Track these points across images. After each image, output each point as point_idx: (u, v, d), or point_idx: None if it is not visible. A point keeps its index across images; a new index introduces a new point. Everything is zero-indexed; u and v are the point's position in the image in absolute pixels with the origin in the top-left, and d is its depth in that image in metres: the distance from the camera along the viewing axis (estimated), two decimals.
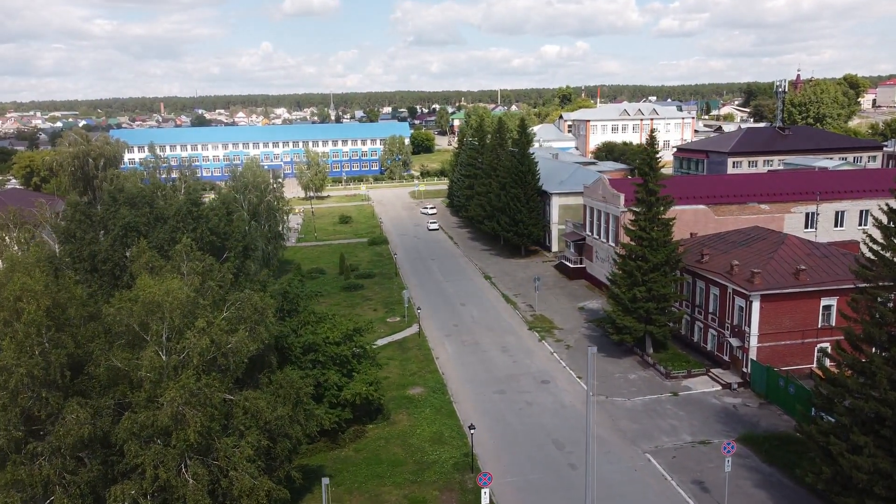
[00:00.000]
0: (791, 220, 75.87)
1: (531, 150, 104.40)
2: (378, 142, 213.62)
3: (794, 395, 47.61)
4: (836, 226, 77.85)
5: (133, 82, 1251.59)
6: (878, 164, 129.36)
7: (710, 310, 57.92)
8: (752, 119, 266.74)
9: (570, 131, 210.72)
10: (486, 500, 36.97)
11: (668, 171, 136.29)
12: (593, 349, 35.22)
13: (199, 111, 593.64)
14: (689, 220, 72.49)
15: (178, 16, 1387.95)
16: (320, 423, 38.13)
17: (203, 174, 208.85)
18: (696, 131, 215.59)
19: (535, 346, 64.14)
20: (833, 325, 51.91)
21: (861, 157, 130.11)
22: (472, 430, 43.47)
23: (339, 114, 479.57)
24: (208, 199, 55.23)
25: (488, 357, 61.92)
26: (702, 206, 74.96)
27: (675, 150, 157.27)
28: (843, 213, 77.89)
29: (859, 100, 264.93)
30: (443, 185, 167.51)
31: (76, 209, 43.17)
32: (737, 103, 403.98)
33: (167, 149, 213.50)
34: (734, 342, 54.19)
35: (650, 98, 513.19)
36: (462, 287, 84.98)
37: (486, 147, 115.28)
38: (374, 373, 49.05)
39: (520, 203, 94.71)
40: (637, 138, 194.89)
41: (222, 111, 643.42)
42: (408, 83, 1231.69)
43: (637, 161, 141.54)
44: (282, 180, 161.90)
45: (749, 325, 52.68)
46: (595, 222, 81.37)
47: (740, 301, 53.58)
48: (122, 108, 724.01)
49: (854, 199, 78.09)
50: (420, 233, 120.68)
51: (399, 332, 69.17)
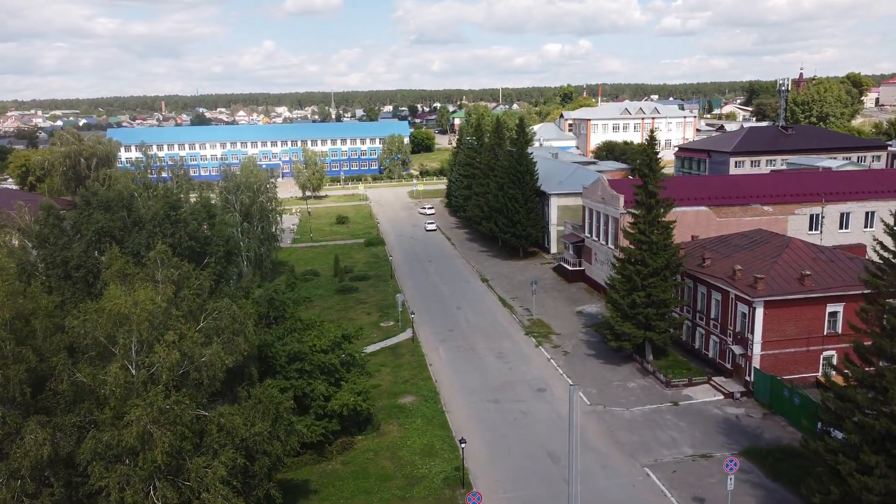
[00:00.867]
0: (795, 222, 73.99)
1: (530, 150, 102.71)
2: (377, 141, 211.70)
3: (800, 406, 45.81)
4: (841, 228, 75.94)
5: (135, 81, 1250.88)
6: (882, 164, 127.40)
7: (712, 316, 56.10)
8: (754, 118, 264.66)
9: (570, 130, 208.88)
10: None
11: (669, 170, 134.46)
12: (577, 389, 32.83)
13: (201, 110, 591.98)
14: (690, 221, 70.68)
15: (180, 15, 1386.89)
16: (303, 437, 36.36)
17: (201, 173, 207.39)
18: (697, 130, 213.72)
19: (531, 352, 62.36)
20: (839, 332, 50.10)
21: (865, 157, 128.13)
22: (464, 445, 41.70)
23: (340, 112, 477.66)
24: (195, 199, 53.35)
25: (483, 363, 60.16)
26: (703, 208, 73.14)
27: (676, 149, 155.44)
28: (848, 214, 75.93)
29: (862, 98, 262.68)
30: (442, 184, 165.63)
31: (49, 213, 41.49)
32: (739, 102, 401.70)
33: (165, 148, 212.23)
34: (737, 350, 52.38)
35: (652, 97, 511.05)
36: (458, 290, 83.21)
37: (484, 146, 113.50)
38: (363, 382, 47.30)
39: (518, 204, 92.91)
40: (638, 137, 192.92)
41: (223, 110, 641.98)
42: (410, 82, 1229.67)
43: (637, 161, 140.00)
44: (275, 180, 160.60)
45: (752, 333, 50.86)
46: (594, 224, 79.56)
47: (743, 307, 51.76)
48: (124, 106, 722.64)
49: (860, 201, 76.14)
50: (418, 233, 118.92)
51: (392, 337, 67.41)
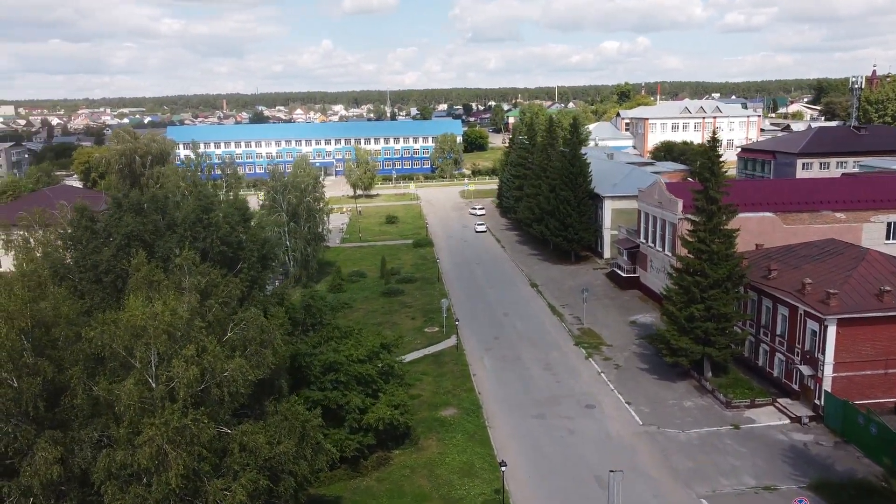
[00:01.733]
0: (870, 231, 68.72)
1: (584, 150, 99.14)
2: (430, 139, 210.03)
3: (877, 436, 41.67)
4: None
5: (199, 80, 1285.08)
6: None
7: (778, 332, 52.04)
8: (822, 117, 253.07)
9: (627, 130, 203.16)
10: None
11: (731, 172, 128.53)
12: (619, 476, 30.23)
13: (260, 108, 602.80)
14: (754, 229, 66.22)
15: (241, 15, 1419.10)
16: (332, 456, 34.43)
17: (256, 171, 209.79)
18: (761, 130, 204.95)
19: (580, 365, 59.29)
20: None
21: None
22: (504, 468, 39.15)
23: (395, 111, 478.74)
24: (227, 200, 52.16)
25: (529, 375, 57.40)
26: (768, 214, 68.61)
27: (738, 150, 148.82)
28: None
29: None
30: (494, 184, 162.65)
31: (82, 214, 40.73)
32: (805, 101, 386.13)
33: (221, 146, 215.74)
34: (805, 370, 48.31)
35: (713, 95, 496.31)
36: (506, 295, 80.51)
37: (536, 146, 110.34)
38: (401, 394, 45.22)
39: (570, 206, 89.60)
40: (698, 137, 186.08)
41: (282, 108, 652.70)
42: (465, 80, 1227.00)
43: (697, 163, 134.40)
44: (322, 179, 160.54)
45: (823, 352, 46.76)
46: (650, 229, 75.74)
47: (813, 324, 47.67)
48: (187, 104, 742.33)
49: None
50: (467, 235, 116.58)
51: (436, 344, 65.25)
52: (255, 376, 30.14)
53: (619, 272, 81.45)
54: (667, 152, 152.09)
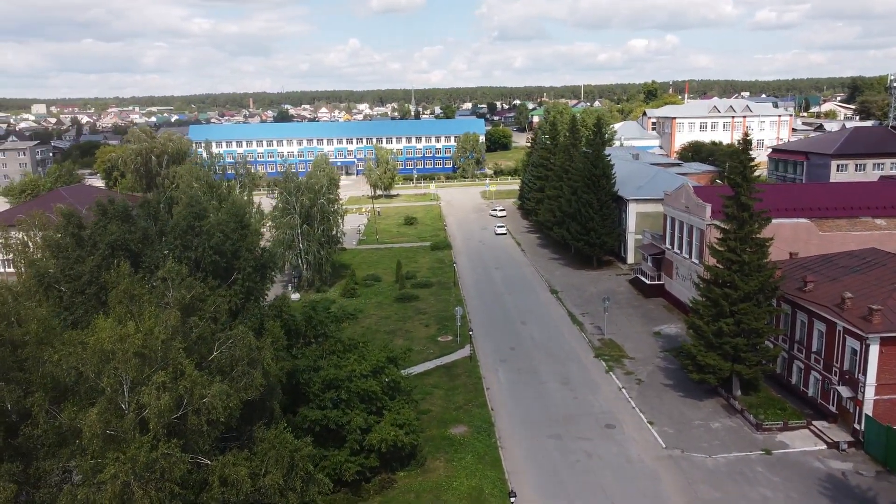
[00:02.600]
0: None
1: (607, 151, 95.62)
2: (452, 139, 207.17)
3: None
4: None
5: (227, 78, 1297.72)
6: None
7: (814, 349, 48.44)
8: (857, 117, 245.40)
9: (653, 129, 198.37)
10: None
11: (761, 174, 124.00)
12: None
13: (286, 107, 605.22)
14: (788, 236, 62.56)
15: (269, 14, 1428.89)
16: (325, 488, 31.82)
17: (279, 170, 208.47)
18: (793, 130, 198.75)
19: (600, 379, 56.11)
20: None
21: None
22: (514, 498, 36.29)
23: (419, 110, 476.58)
24: (226, 206, 49.87)
25: (546, 390, 54.37)
26: (803, 220, 64.82)
27: (770, 150, 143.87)
28: None
29: None
30: (516, 185, 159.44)
31: (69, 220, 38.61)
32: (839, 99, 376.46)
33: (244, 144, 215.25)
34: (844, 392, 44.71)
35: (743, 94, 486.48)
36: (525, 302, 77.46)
37: (558, 146, 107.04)
38: (407, 412, 42.47)
39: (592, 210, 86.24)
40: (728, 137, 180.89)
41: (307, 106, 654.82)
42: (491, 79, 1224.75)
43: (727, 165, 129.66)
44: (338, 179, 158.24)
45: (864, 373, 43.15)
46: (676, 234, 72.20)
47: (853, 342, 44.07)
48: (215, 103, 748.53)
49: None
50: (486, 237, 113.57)
51: (449, 355, 62.47)
52: (238, 401, 27.68)
53: (644, 279, 77.97)
54: (694, 153, 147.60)
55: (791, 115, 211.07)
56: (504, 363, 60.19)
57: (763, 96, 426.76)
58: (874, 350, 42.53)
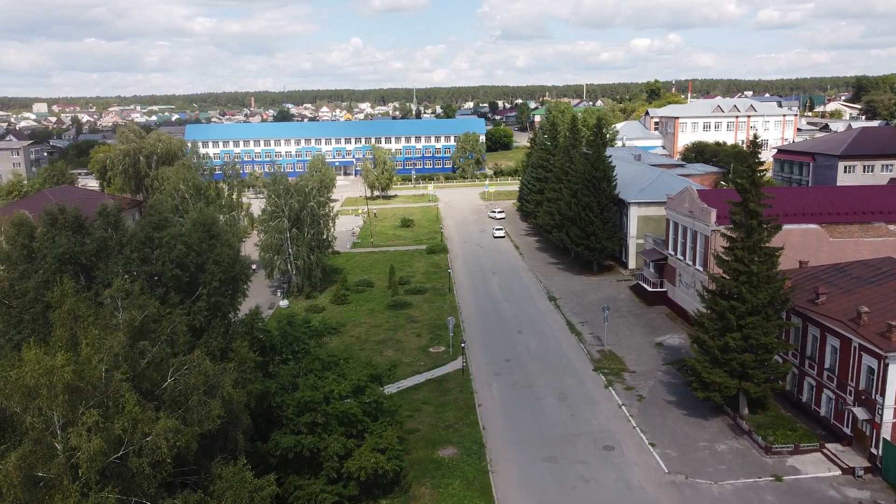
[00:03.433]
0: None
1: (608, 151, 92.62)
2: (452, 139, 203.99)
3: None
4: None
5: (229, 77, 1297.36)
6: None
7: (826, 365, 45.41)
8: (863, 116, 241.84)
9: (656, 129, 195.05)
10: None
11: (766, 175, 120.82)
12: None
13: (287, 106, 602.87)
14: (797, 242, 59.52)
15: (272, 13, 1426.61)
16: None
17: (275, 170, 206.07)
18: (798, 130, 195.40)
19: (599, 395, 53.10)
20: None
21: None
22: None
23: (420, 109, 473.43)
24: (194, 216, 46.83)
25: (541, 407, 51.36)
26: (813, 226, 61.78)
27: (775, 151, 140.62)
28: None
29: None
30: (516, 185, 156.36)
31: (19, 230, 35.64)
32: (843, 99, 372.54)
33: (241, 144, 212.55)
34: (860, 413, 41.68)
35: (746, 93, 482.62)
36: (522, 309, 74.44)
37: (558, 147, 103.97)
38: (390, 435, 39.45)
39: (592, 213, 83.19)
40: (731, 138, 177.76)
41: (308, 106, 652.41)
42: (493, 78, 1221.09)
43: (731, 166, 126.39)
44: (332, 180, 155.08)
45: (882, 394, 40.13)
46: (679, 240, 69.15)
47: (870, 361, 41.03)
48: (216, 102, 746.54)
49: None
50: (485, 240, 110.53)
51: (441, 367, 59.49)
52: (192, 436, 24.73)
53: (645, 286, 74.91)
54: (698, 153, 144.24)
55: (796, 114, 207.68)
56: (498, 377, 57.20)
57: (766, 96, 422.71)
58: (894, 370, 39.49)
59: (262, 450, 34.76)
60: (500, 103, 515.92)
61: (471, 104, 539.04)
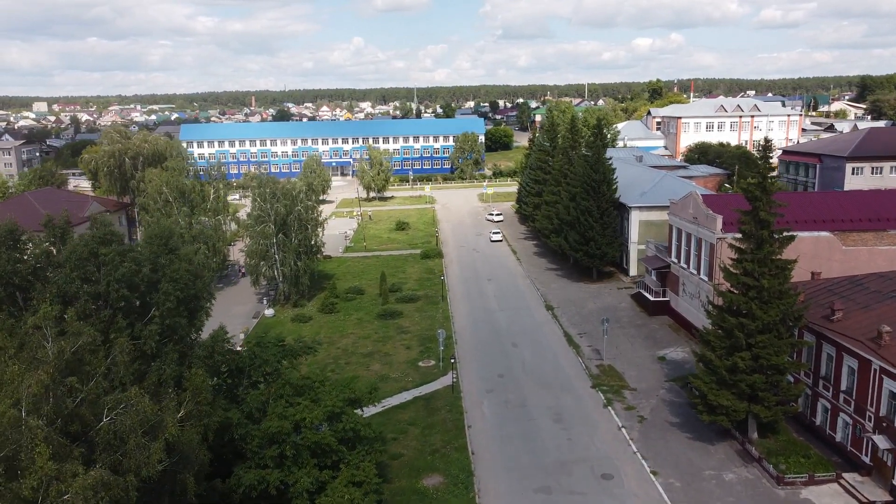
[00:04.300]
0: None
1: (609, 152, 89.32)
2: (451, 139, 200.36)
3: None
4: None
5: (231, 77, 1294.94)
6: None
7: (843, 387, 42.02)
8: (869, 116, 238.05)
9: (658, 129, 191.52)
10: None
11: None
12: None
13: (287, 105, 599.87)
14: (808, 251, 56.03)
15: (274, 12, 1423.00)
16: None
17: (272, 170, 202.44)
18: (803, 130, 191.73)
19: (598, 415, 49.72)
20: None
21: None
22: None
23: (421, 108, 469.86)
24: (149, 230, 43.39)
25: (535, 429, 47.99)
26: (825, 234, 58.34)
27: (780, 152, 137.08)
28: None
29: None
30: (515, 187, 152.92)
31: None
32: (847, 98, 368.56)
33: (237, 144, 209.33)
34: (880, 442, 38.28)
35: (748, 92, 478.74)
36: (517, 319, 71.09)
37: (557, 149, 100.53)
38: (367, 467, 35.92)
39: (592, 218, 79.78)
40: (735, 138, 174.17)
41: (309, 105, 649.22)
42: (495, 77, 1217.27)
43: (736, 168, 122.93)
44: (327, 181, 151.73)
45: None
46: (683, 247, 65.74)
47: (892, 385, 37.65)
48: (217, 101, 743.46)
49: None
50: (481, 244, 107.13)
51: (430, 383, 56.14)
52: (126, 488, 21.42)
53: (647, 295, 71.50)
54: (701, 154, 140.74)
55: (801, 114, 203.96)
56: (490, 394, 53.84)
57: (769, 95, 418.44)
58: None
59: (220, 488, 31.46)
60: (502, 103, 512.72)
61: (471, 104, 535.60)
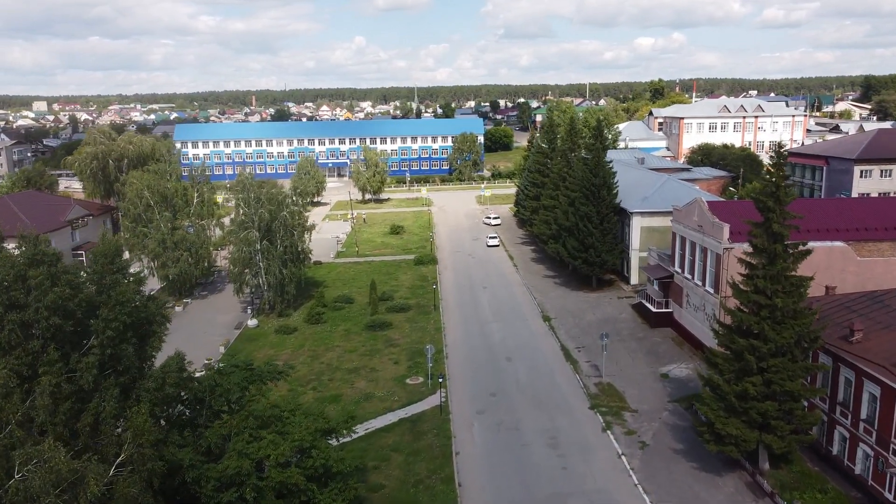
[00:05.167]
0: None
1: (610, 153, 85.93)
2: (449, 139, 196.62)
3: None
4: None
5: (232, 76, 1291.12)
6: None
7: (863, 416, 38.50)
8: (875, 117, 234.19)
9: (660, 129, 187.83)
10: None
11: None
12: None
13: (288, 104, 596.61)
14: (821, 263, 52.32)
15: (276, 11, 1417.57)
16: None
17: (268, 171, 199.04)
18: (808, 131, 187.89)
19: (596, 440, 46.20)
20: None
21: None
22: None
23: (422, 108, 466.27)
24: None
25: (529, 456, 44.48)
26: (838, 244, 54.80)
27: (785, 153, 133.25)
28: None
29: None
30: (514, 189, 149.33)
31: None
32: (851, 98, 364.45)
33: (231, 144, 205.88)
34: None
35: (750, 92, 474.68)
36: (513, 331, 67.59)
37: (556, 151, 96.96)
38: None
39: (591, 224, 76.23)
40: (739, 139, 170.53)
41: (309, 104, 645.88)
42: (497, 77, 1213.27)
43: (741, 171, 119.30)
44: (321, 183, 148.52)
45: None
46: (687, 257, 62.20)
47: None
48: (217, 101, 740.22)
49: None
50: (477, 249, 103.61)
51: (417, 403, 52.60)
52: None
53: (649, 305, 67.97)
54: (704, 156, 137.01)
55: (805, 115, 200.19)
56: (481, 415, 50.31)
57: (771, 95, 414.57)
58: None
59: None
60: (503, 102, 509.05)
61: (472, 103, 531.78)
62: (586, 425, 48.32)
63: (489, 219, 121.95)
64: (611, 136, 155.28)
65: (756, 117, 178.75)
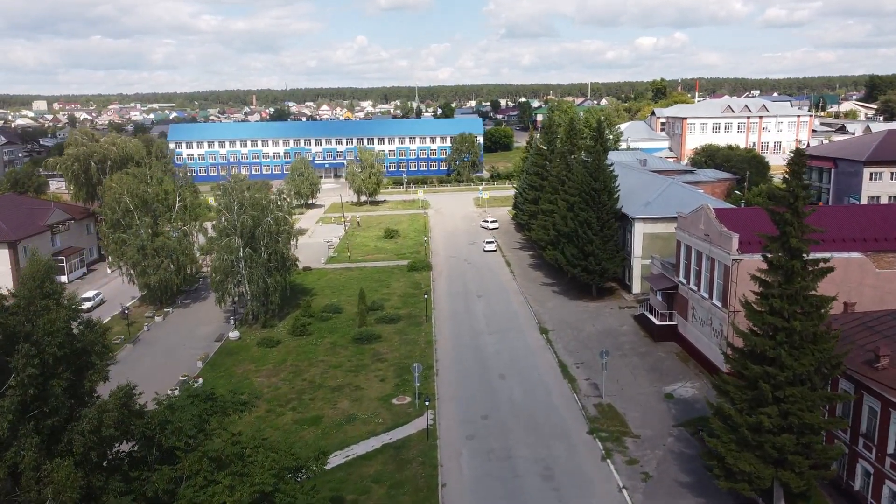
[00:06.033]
0: None
1: (611, 155, 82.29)
2: (448, 139, 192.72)
3: None
4: None
5: (234, 75, 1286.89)
6: None
7: (890, 450, 34.79)
8: (881, 117, 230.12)
9: (663, 130, 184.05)
10: None
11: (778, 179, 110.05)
12: None
13: (288, 104, 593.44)
14: (837, 276, 47.78)
15: (278, 11, 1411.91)
16: None
17: (263, 172, 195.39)
18: (813, 131, 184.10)
19: (595, 471, 42.52)
20: None
21: None
22: None
23: (422, 107, 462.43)
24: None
25: (521, 490, 40.81)
26: (855, 254, 51.04)
27: (790, 155, 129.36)
28: None
29: None
30: (513, 190, 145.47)
31: None
32: (855, 98, 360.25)
33: (226, 145, 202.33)
34: None
35: (753, 92, 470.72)
36: (508, 344, 63.93)
37: (555, 153, 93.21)
38: None
39: (591, 230, 72.55)
40: (743, 140, 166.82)
41: (309, 104, 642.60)
42: (498, 76, 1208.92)
43: (746, 173, 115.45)
44: (315, 184, 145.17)
45: None
46: (693, 267, 58.49)
47: None
48: (218, 100, 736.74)
49: None
50: (473, 255, 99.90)
51: (403, 426, 48.91)
52: None
53: (652, 318, 64.28)
54: (708, 158, 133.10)
55: (811, 115, 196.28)
56: (471, 441, 46.62)
57: (775, 95, 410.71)
58: None
59: None
60: (504, 102, 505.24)
61: (473, 103, 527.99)
62: (584, 453, 44.63)
63: (486, 222, 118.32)
64: (612, 137, 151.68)
65: (761, 117, 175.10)
